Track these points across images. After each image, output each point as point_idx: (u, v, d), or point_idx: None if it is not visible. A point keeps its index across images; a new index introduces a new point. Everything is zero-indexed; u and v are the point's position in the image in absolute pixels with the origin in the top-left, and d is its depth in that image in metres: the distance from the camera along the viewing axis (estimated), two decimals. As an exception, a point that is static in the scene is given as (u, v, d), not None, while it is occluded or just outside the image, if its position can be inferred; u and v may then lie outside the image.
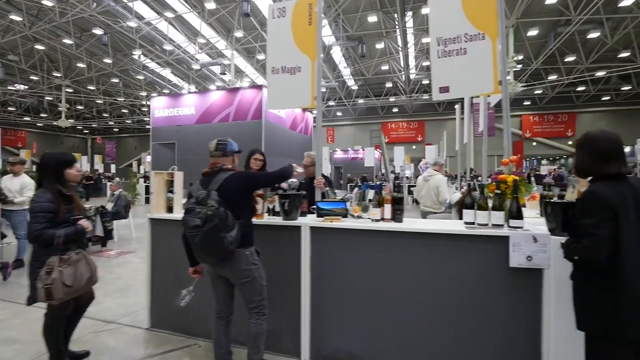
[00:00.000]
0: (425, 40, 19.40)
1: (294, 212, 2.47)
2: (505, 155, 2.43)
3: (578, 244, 1.42)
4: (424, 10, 16.91)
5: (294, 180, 2.53)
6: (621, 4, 14.96)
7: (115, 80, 22.84)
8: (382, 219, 2.39)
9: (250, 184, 2.10)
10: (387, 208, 2.38)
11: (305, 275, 2.39)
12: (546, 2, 15.62)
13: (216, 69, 21.59)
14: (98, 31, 17.73)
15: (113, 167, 24.04)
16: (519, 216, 2.05)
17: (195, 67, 21.46)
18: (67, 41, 18.58)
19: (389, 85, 26.37)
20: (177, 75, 24.04)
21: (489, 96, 4.31)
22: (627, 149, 20.71)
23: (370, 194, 2.42)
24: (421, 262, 2.18)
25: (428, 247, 2.17)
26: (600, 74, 21.23)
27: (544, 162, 29.22)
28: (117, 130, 32.68)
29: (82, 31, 18.70)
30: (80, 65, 20.86)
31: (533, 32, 18.01)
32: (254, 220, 2.51)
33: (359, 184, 10.83)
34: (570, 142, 27.21)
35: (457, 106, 9.70)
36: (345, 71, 24.30)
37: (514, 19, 16.58)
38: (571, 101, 26.32)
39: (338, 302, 2.35)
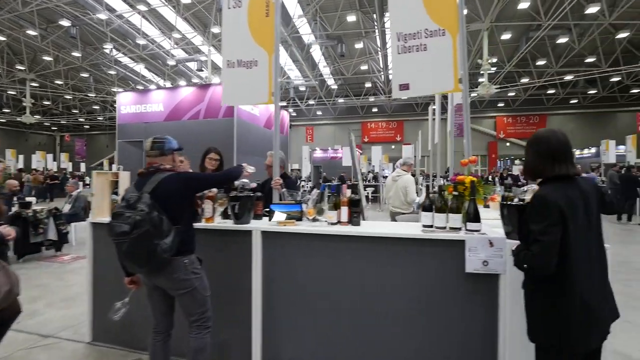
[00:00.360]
0: (403, 41, 19.55)
1: (245, 216, 2.30)
2: (465, 155, 2.35)
3: (528, 252, 1.33)
4: (402, 11, 17.04)
5: (245, 180, 2.36)
6: (587, 11, 15.53)
7: (85, 75, 21.82)
8: (339, 222, 2.26)
9: (190, 186, 1.92)
10: (344, 211, 2.25)
11: (257, 283, 2.22)
12: (518, 7, 16.02)
13: (193, 66, 20.99)
14: (65, 23, 16.86)
15: (83, 166, 22.99)
16: (476, 219, 1.96)
17: (171, 62, 20.82)
18: (32, 32, 17.57)
19: (368, 85, 26.45)
20: (151, 71, 23.25)
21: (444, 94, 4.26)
22: (592, 150, 21.60)
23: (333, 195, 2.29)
24: (377, 268, 2.06)
25: (384, 252, 2.05)
26: (568, 77, 22.05)
27: (517, 162, 30.08)
28: (88, 127, 31.28)
29: (48, 22, 17.74)
30: (47, 58, 19.80)
31: (506, 36, 18.47)
32: (204, 224, 2.34)
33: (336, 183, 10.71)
34: (541, 143, 28.17)
35: (431, 107, 9.74)
36: (325, 70, 24.20)
37: (489, 22, 16.96)
38: (542, 103, 27.23)
39: (292, 311, 2.21)
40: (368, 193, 15.27)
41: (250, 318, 2.24)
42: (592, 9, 15.31)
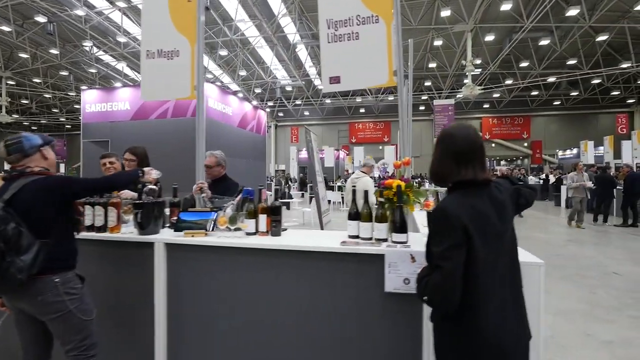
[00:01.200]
0: (388, 41, 19.41)
1: (152, 225, 2.00)
2: (402, 156, 2.09)
3: (430, 279, 1.07)
4: (386, 12, 16.86)
5: (153, 186, 2.07)
6: (567, 14, 15.56)
7: (64, 73, 21.17)
8: (258, 232, 1.99)
9: (60, 192, 1.61)
10: (262, 219, 1.97)
11: (161, 302, 1.93)
12: (501, 9, 15.98)
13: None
14: (41, 19, 16.28)
15: (62, 167, 22.32)
16: (403, 229, 1.71)
17: (153, 61, 20.27)
18: (6, 28, 16.92)
19: (354, 85, 26.25)
20: (134, 69, 22.68)
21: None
22: (574, 151, 21.74)
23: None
24: (292, 285, 1.79)
25: (300, 267, 1.78)
26: (551, 79, 22.16)
27: (502, 162, 30.29)
28: (70, 127, 30.45)
29: (25, 18, 17.11)
30: (23, 55, 19.13)
31: (490, 38, 18.44)
32: (101, 235, 2.03)
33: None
34: (525, 144, 28.34)
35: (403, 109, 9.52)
36: (312, 70, 23.90)
37: (472, 23, 16.89)
38: (527, 105, 27.38)
39: (201, 332, 1.92)
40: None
41: (153, 342, 1.94)
42: (572, 12, 15.34)
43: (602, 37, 17.41)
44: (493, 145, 28.88)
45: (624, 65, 18.94)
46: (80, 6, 15.35)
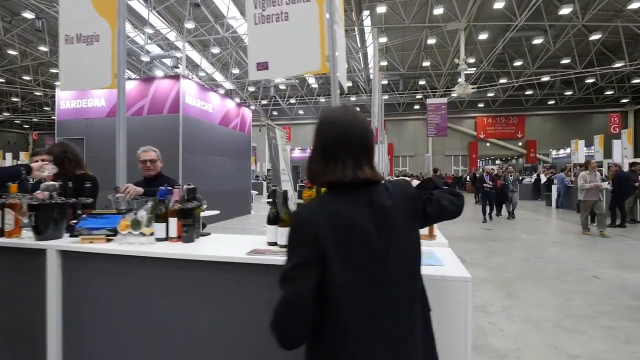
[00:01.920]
0: (382, 39, 19.16)
1: (50, 229, 1.76)
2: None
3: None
4: (380, 9, 16.62)
5: (52, 183, 1.82)
6: (561, 12, 15.33)
7: (55, 70, 20.86)
8: (168, 238, 1.75)
9: None
10: (172, 223, 1.73)
11: (53, 319, 1.69)
12: (494, 7, 15.75)
13: (170, 62, 20.21)
14: (29, 15, 15.98)
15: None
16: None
17: (145, 59, 20.02)
18: (-7, 25, 16.62)
19: (349, 84, 26.03)
20: (127, 67, 22.38)
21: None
22: (567, 150, 21.51)
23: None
24: (197, 300, 1.55)
25: (211, 280, 1.54)
26: (545, 78, 21.94)
27: (497, 162, 30.04)
28: (65, 124, 30.10)
29: (13, 15, 16.82)
30: (12, 52, 18.82)
31: (483, 36, 18.21)
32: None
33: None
34: (520, 144, 28.14)
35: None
36: (305, 69, 23.61)
37: (465, 22, 16.66)
38: (521, 104, 27.17)
39: (100, 351, 1.68)
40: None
41: (46, 362, 1.70)
42: (565, 10, 15.12)
43: (595, 36, 17.19)
44: (488, 144, 28.67)
45: (618, 65, 18.74)
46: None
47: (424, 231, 1.75)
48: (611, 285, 4.02)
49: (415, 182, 1.21)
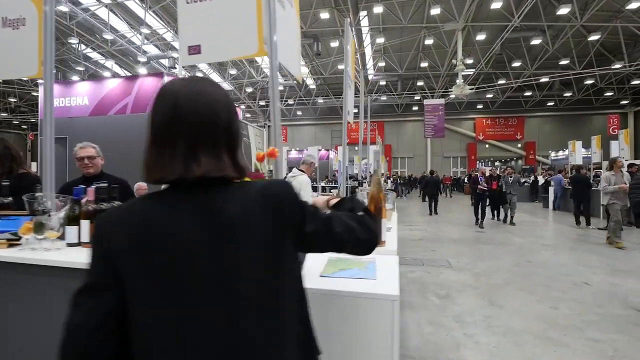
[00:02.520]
0: (380, 40, 18.96)
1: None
2: (272, 143, 1.65)
3: None
4: (377, 10, 16.42)
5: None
6: (559, 12, 15.08)
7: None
8: (81, 243, 1.53)
9: None
10: (85, 226, 1.52)
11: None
12: (492, 7, 15.54)
13: (167, 63, 20.08)
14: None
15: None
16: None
17: (142, 59, 19.88)
18: (-11, 25, 16.47)
19: (347, 85, 25.83)
20: (123, 67, 22.31)
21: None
22: (566, 152, 21.24)
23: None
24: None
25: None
26: (544, 79, 21.67)
27: (497, 163, 29.72)
28: (64, 125, 30.02)
29: (9, 15, 16.69)
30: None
31: (481, 37, 17.97)
32: None
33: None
34: (519, 145, 27.83)
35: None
36: (303, 69, 23.46)
37: (463, 22, 16.43)
38: (520, 105, 26.88)
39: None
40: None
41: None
42: (563, 10, 14.87)
43: (594, 37, 16.92)
44: (487, 146, 28.38)
45: (617, 66, 18.44)
46: (64, 2, 14.96)
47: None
48: (601, 292, 3.78)
49: (333, 201, 0.93)
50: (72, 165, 7.35)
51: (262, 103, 28.15)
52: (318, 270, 1.23)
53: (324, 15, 17.10)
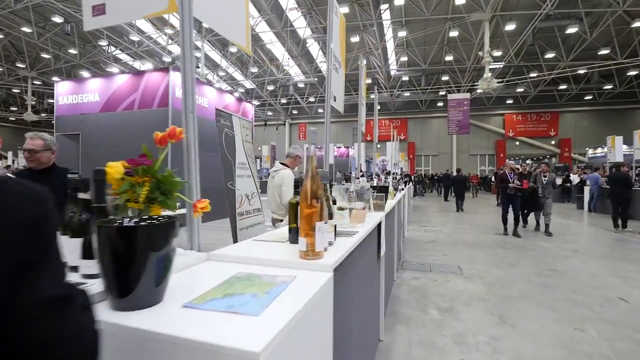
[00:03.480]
0: (402, 33, 18.20)
1: None
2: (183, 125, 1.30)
3: None
4: (398, 2, 15.72)
5: None
6: (598, -4, 13.73)
7: (85, 73, 21.70)
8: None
9: None
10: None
11: None
12: (522, -6, 14.43)
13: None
14: (57, 19, 16.60)
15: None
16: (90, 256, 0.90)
17: (167, 59, 20.30)
18: (26, 29, 17.42)
19: (368, 81, 25.17)
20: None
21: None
22: (605, 149, 19.52)
23: None
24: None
25: None
26: (581, 71, 19.99)
27: (528, 161, 27.97)
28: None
29: (46, 20, 17.54)
30: (45, 56, 19.72)
31: (511, 27, 16.74)
32: None
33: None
34: (553, 142, 25.97)
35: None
36: (323, 66, 23.07)
37: (490, 11, 15.38)
38: (554, 100, 25.06)
39: None
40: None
41: None
42: (603, -7, 13.52)
43: (638, 24, 15.27)
44: (517, 143, 26.70)
45: (665, 54, 16.62)
46: (93, 6, 15.45)
47: (302, 244, 1.14)
48: (641, 311, 3.14)
49: None
50: (84, 160, 7.41)
51: (283, 101, 28.06)
52: (197, 293, 0.86)
53: (344, 9, 16.60)
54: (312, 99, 27.45)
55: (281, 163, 3.27)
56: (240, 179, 3.56)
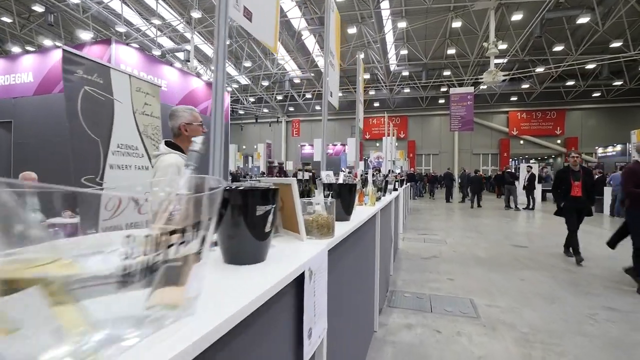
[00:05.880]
0: (402, 24, 16.69)
1: None
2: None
3: None
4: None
5: None
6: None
7: (73, 65, 20.36)
8: None
9: None
10: None
11: None
12: (531, -20, 12.90)
13: (182, 56, 19.03)
14: (38, 8, 15.27)
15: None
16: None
17: (156, 52, 18.93)
18: (7, 19, 16.12)
19: (367, 76, 23.70)
20: (141, 62, 21.49)
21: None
22: (617, 148, 17.93)
23: None
24: None
25: None
26: (590, 65, 18.40)
27: (532, 161, 26.36)
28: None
29: (30, 11, 16.23)
30: (30, 49, 18.40)
31: (517, 17, 15.19)
32: None
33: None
34: (559, 141, 24.37)
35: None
36: (319, 60, 21.61)
37: (496, 0, 13.87)
38: (560, 97, 23.45)
39: None
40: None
41: None
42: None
43: (657, 11, 13.72)
44: (522, 142, 25.11)
45: (685, 46, 15.03)
46: (75, -7, 14.16)
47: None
48: None
49: None
50: (16, 153, 6.04)
51: (279, 97, 26.65)
52: None
53: (340, -2, 15.17)
54: (308, 95, 26.01)
55: (167, 142, 1.84)
56: (120, 171, 2.14)
